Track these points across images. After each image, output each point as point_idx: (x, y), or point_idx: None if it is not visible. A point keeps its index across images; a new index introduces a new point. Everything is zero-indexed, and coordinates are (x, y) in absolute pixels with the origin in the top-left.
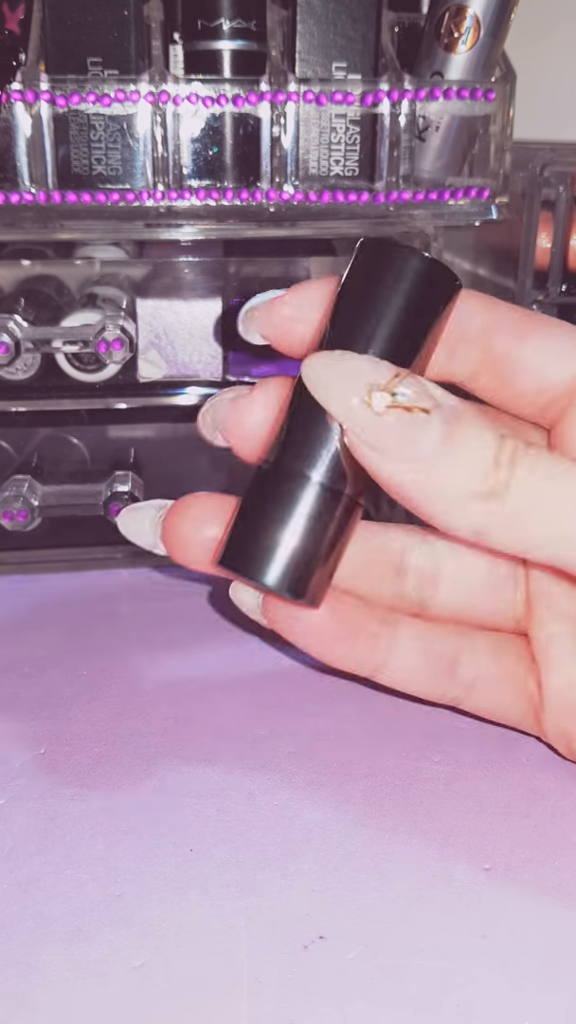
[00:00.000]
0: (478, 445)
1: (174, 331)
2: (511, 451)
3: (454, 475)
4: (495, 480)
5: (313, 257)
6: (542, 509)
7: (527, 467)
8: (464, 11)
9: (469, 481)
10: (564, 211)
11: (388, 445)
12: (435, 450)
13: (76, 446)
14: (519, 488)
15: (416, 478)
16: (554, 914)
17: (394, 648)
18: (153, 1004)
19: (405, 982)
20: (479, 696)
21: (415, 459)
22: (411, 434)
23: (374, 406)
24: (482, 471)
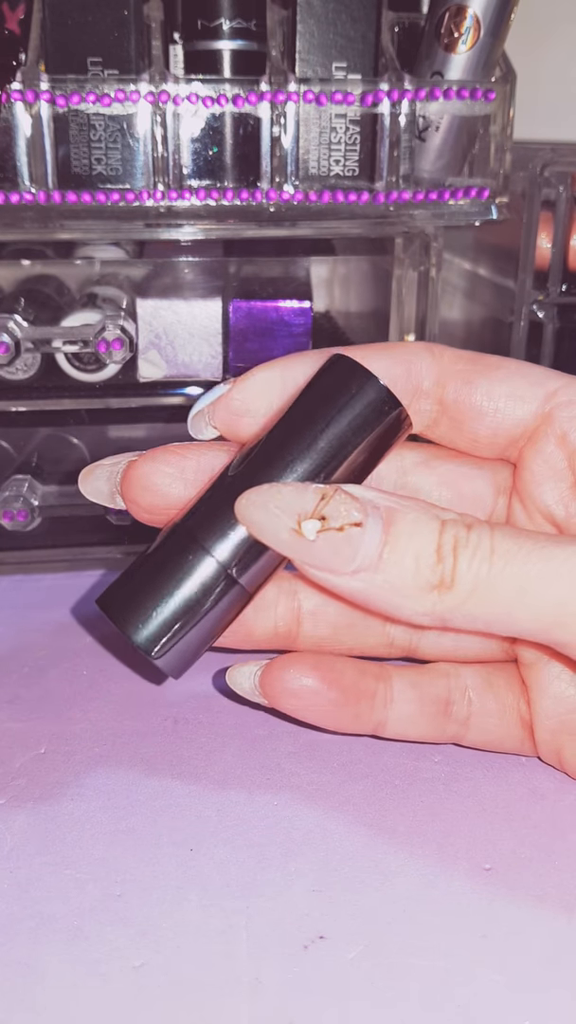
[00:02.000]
0: (417, 542)
1: (174, 331)
2: (452, 540)
3: (400, 577)
4: (441, 572)
5: (313, 257)
6: (491, 593)
7: (469, 554)
8: (464, 11)
9: (416, 579)
10: (564, 211)
11: (329, 565)
12: (376, 558)
13: (76, 446)
14: (465, 577)
15: (365, 587)
16: (554, 914)
17: (390, 702)
18: (153, 1004)
19: (405, 982)
20: (476, 731)
21: (359, 571)
22: (348, 551)
23: (306, 534)
24: (427, 566)
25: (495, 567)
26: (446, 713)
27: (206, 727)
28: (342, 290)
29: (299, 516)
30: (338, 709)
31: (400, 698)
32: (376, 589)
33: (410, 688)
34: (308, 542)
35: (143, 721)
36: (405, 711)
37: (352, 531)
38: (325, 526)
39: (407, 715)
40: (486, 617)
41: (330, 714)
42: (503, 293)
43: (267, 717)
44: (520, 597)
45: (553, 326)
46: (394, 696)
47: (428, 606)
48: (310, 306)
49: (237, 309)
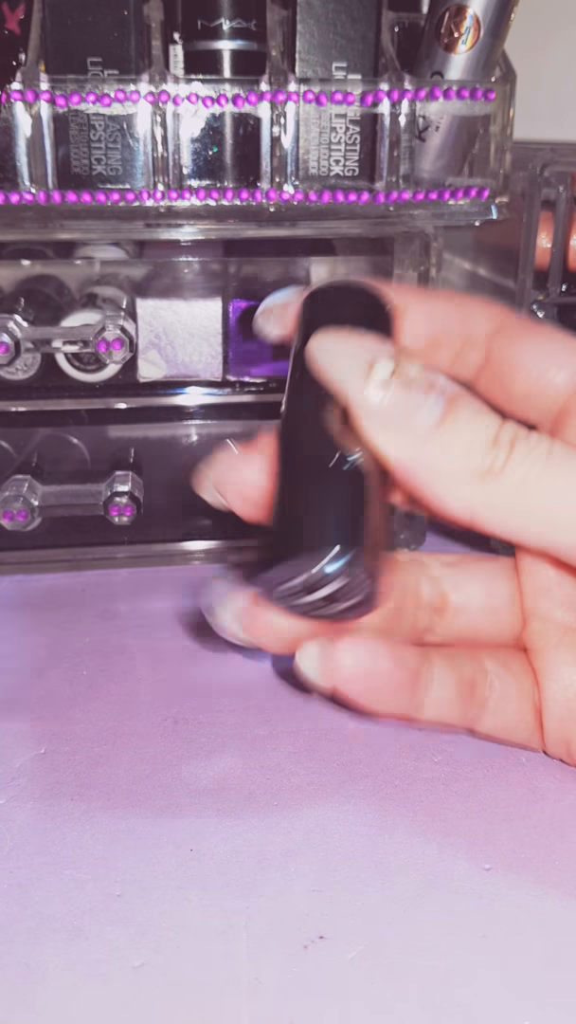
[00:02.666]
0: (477, 424)
1: (174, 331)
2: (511, 433)
3: (451, 451)
4: (492, 459)
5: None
6: (538, 491)
7: (525, 449)
8: (464, 11)
9: (466, 458)
10: (564, 211)
11: (388, 417)
12: (433, 426)
13: (76, 446)
14: (516, 469)
15: (414, 454)
16: (554, 914)
17: (431, 682)
18: (153, 1004)
19: (405, 982)
20: (491, 716)
21: (413, 434)
22: (410, 408)
23: (375, 376)
24: (480, 449)
25: (550, 466)
26: (472, 696)
27: (206, 727)
28: None
29: (373, 361)
30: (401, 691)
31: (440, 680)
32: (424, 459)
33: (448, 669)
34: (375, 385)
35: (143, 721)
36: (445, 694)
37: (419, 392)
38: (396, 374)
39: (445, 698)
40: (524, 516)
41: (392, 696)
42: (503, 293)
43: (267, 717)
44: (565, 500)
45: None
46: (434, 677)
47: (469, 492)
48: None
49: (237, 309)
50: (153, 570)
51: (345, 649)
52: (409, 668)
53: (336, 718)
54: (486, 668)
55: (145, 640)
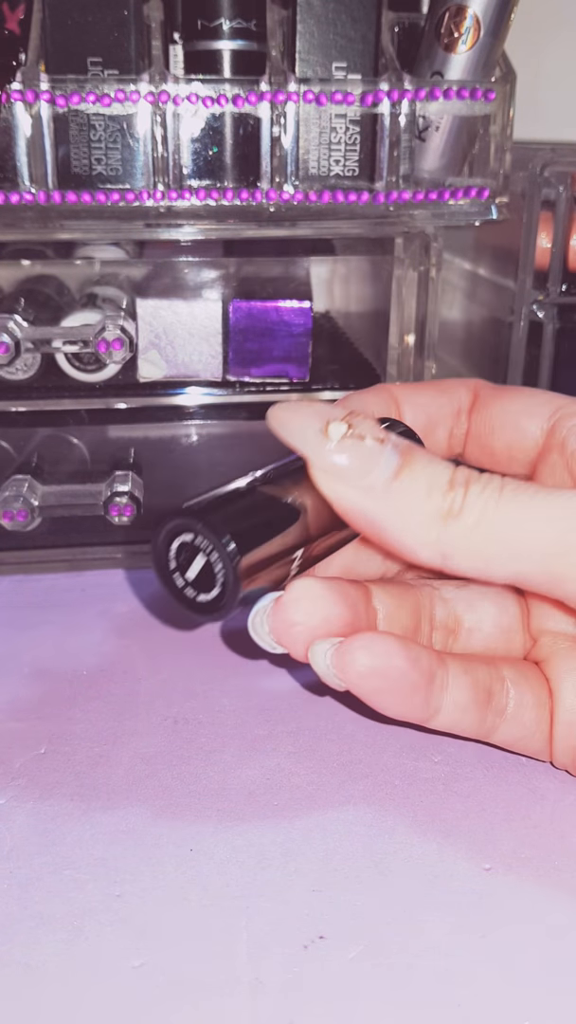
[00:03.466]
0: (432, 471)
1: (174, 331)
2: (464, 475)
3: (411, 498)
4: (451, 501)
5: (313, 257)
6: (495, 525)
7: (479, 488)
8: (464, 11)
9: (426, 503)
10: (564, 211)
11: (345, 471)
12: (391, 477)
13: (76, 446)
14: (473, 507)
15: (374, 505)
16: (554, 914)
17: (447, 687)
18: (153, 1004)
19: (405, 982)
20: (512, 723)
21: (372, 485)
22: (367, 461)
23: (331, 436)
24: (438, 492)
25: (503, 499)
26: (488, 703)
27: (206, 727)
28: (342, 290)
29: (328, 420)
30: (415, 692)
31: (455, 684)
32: (385, 510)
33: (463, 673)
34: (332, 443)
35: (143, 721)
36: (460, 698)
37: (374, 444)
38: (350, 433)
39: (461, 703)
40: (488, 551)
41: (407, 697)
42: (503, 293)
43: (267, 717)
44: (523, 529)
45: (553, 326)
46: (450, 681)
47: (434, 535)
48: (310, 306)
49: (237, 309)
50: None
51: (359, 646)
52: (424, 669)
53: (336, 718)
54: (504, 676)
55: (145, 640)
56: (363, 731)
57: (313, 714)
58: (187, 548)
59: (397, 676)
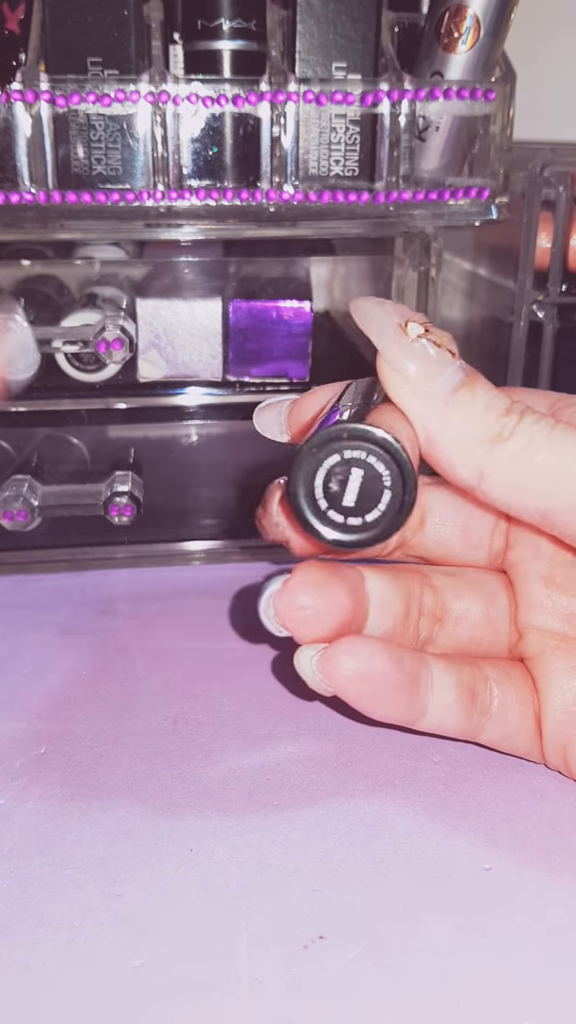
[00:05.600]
0: (492, 396)
1: (174, 331)
2: (522, 406)
3: (467, 414)
4: (502, 426)
5: (313, 257)
6: (541, 456)
7: (531, 420)
8: (464, 11)
9: (480, 422)
10: (564, 211)
11: (413, 371)
12: (453, 388)
13: (76, 446)
14: (522, 436)
15: (432, 412)
16: (554, 914)
17: (431, 688)
18: (153, 1004)
19: (405, 982)
20: (497, 722)
21: (434, 392)
22: (435, 367)
23: (408, 332)
24: (493, 415)
25: (552, 438)
26: (473, 702)
27: (206, 727)
28: (342, 290)
29: (408, 318)
30: (400, 693)
31: (439, 684)
32: (441, 418)
33: (447, 674)
34: (407, 340)
35: (143, 721)
36: (445, 699)
37: (445, 353)
38: (427, 336)
39: (446, 703)
40: (524, 481)
41: (392, 699)
42: (503, 293)
43: (267, 717)
44: (562, 466)
45: (553, 326)
46: (435, 682)
47: (478, 453)
48: (310, 306)
49: (237, 309)
50: (153, 570)
51: (343, 651)
52: (408, 670)
53: (336, 718)
54: (487, 675)
55: (145, 640)
56: (363, 731)
57: (313, 714)
58: (336, 474)
59: (381, 679)
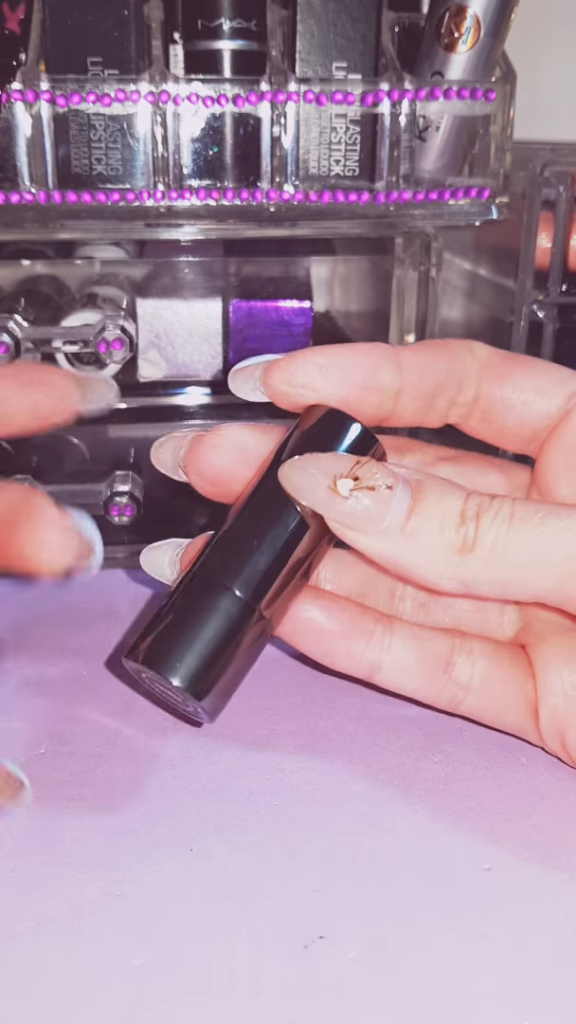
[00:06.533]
0: (443, 507)
1: (174, 331)
2: (475, 506)
3: (426, 538)
4: (464, 535)
5: (313, 257)
6: (508, 552)
7: (490, 518)
8: (464, 11)
9: (441, 540)
10: (564, 211)
11: (358, 523)
12: (404, 519)
13: (76, 446)
14: (486, 538)
15: (391, 548)
16: (554, 914)
17: (388, 646)
18: (153, 1004)
19: (405, 982)
20: (477, 698)
21: (388, 531)
22: (379, 510)
23: (340, 491)
24: (451, 529)
25: (513, 527)
26: (446, 672)
27: (206, 727)
28: (342, 290)
29: (335, 476)
30: (333, 640)
31: (399, 645)
32: (403, 550)
33: (411, 638)
34: (342, 499)
35: (143, 721)
36: (401, 658)
37: (383, 492)
38: (358, 485)
39: (403, 663)
40: (505, 577)
41: (324, 645)
42: (503, 293)
43: (267, 717)
44: (534, 554)
45: (553, 326)
46: (393, 641)
47: (451, 568)
48: (310, 306)
49: (237, 309)
50: None
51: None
52: (344, 621)
53: (336, 718)
54: (471, 649)
55: None
56: (363, 731)
57: (313, 714)
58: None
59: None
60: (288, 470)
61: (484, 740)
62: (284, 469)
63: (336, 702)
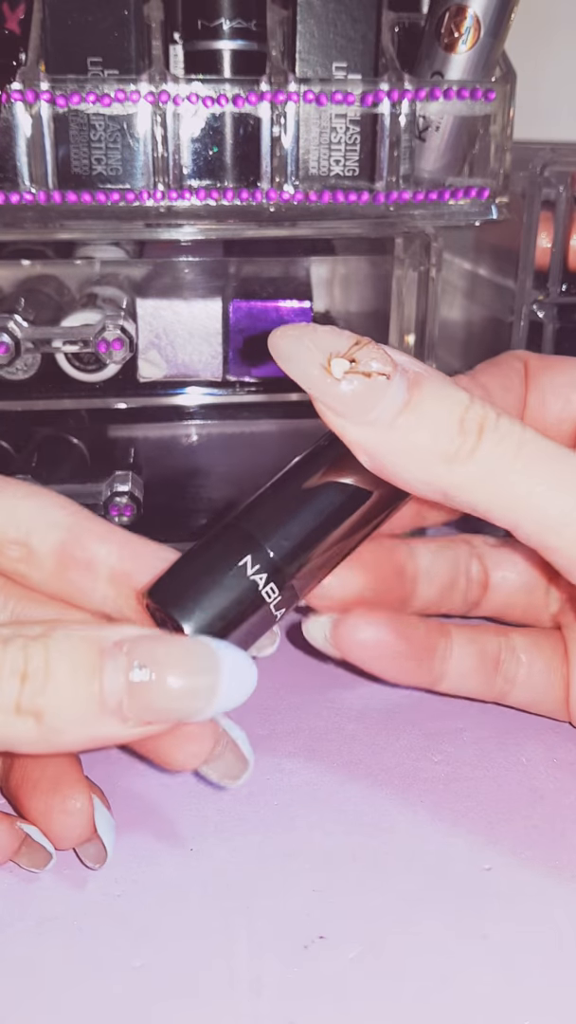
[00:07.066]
0: (442, 409)
1: (174, 331)
2: (479, 417)
3: (416, 438)
4: (459, 445)
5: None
6: (508, 482)
7: (495, 438)
8: (464, 11)
9: (432, 445)
10: (564, 211)
11: (347, 409)
12: (396, 413)
13: (76, 446)
14: (486, 457)
15: (377, 441)
16: (554, 914)
17: (450, 657)
18: (153, 1004)
19: (405, 982)
20: (523, 688)
21: (375, 422)
22: (370, 398)
23: (333, 372)
24: (446, 435)
25: (520, 457)
26: (496, 670)
27: None
28: (342, 290)
29: (330, 354)
30: (404, 661)
31: (459, 653)
32: (389, 446)
33: (468, 643)
34: (333, 380)
35: None
36: (463, 666)
37: (378, 380)
38: (353, 368)
39: (465, 670)
40: (491, 502)
41: (396, 665)
42: (503, 293)
43: (267, 717)
44: (532, 492)
45: (553, 326)
46: (453, 651)
47: (435, 475)
48: (310, 306)
49: (237, 309)
50: None
51: (352, 623)
52: (417, 641)
53: (336, 718)
54: (514, 645)
55: None
56: (363, 731)
57: (313, 714)
58: None
59: (385, 647)
60: (280, 338)
61: (484, 740)
62: (276, 336)
63: (336, 702)
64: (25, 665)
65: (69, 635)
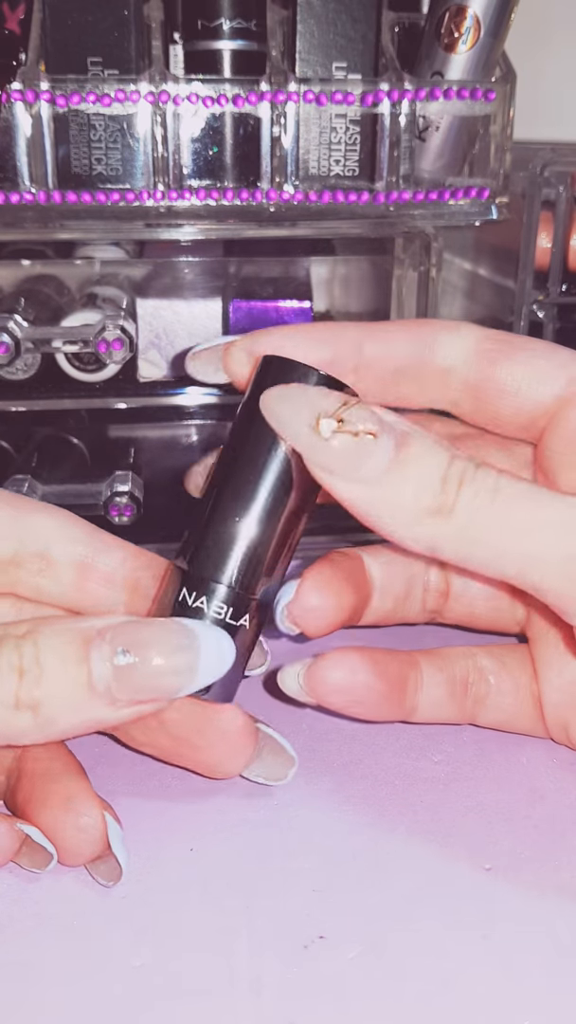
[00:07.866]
0: (426, 465)
1: (174, 331)
2: (460, 472)
3: (402, 494)
4: (442, 499)
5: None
6: (488, 530)
7: (473, 489)
8: (464, 11)
9: (417, 500)
10: (564, 211)
11: (336, 467)
12: (382, 470)
13: (76, 446)
14: (466, 509)
15: (366, 497)
16: (554, 914)
17: (421, 687)
18: (153, 1004)
19: (405, 982)
20: (492, 709)
21: (363, 479)
22: (358, 456)
23: (322, 432)
24: (429, 490)
25: (495, 506)
26: (465, 693)
27: None
28: (342, 290)
29: (319, 414)
30: (384, 700)
31: (429, 683)
32: (377, 502)
33: (437, 672)
34: (323, 440)
35: None
36: (434, 695)
37: (366, 439)
38: (341, 428)
39: (436, 699)
40: (477, 554)
41: (377, 705)
42: (503, 293)
43: (267, 717)
44: (512, 538)
45: (553, 326)
46: (423, 681)
47: (422, 530)
48: (310, 306)
49: (237, 309)
50: None
51: (325, 667)
52: (392, 677)
53: (336, 718)
54: (481, 666)
55: None
56: (363, 731)
57: (313, 714)
58: None
59: (364, 690)
60: (273, 400)
61: (484, 740)
62: (268, 398)
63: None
64: (20, 661)
65: (55, 629)
